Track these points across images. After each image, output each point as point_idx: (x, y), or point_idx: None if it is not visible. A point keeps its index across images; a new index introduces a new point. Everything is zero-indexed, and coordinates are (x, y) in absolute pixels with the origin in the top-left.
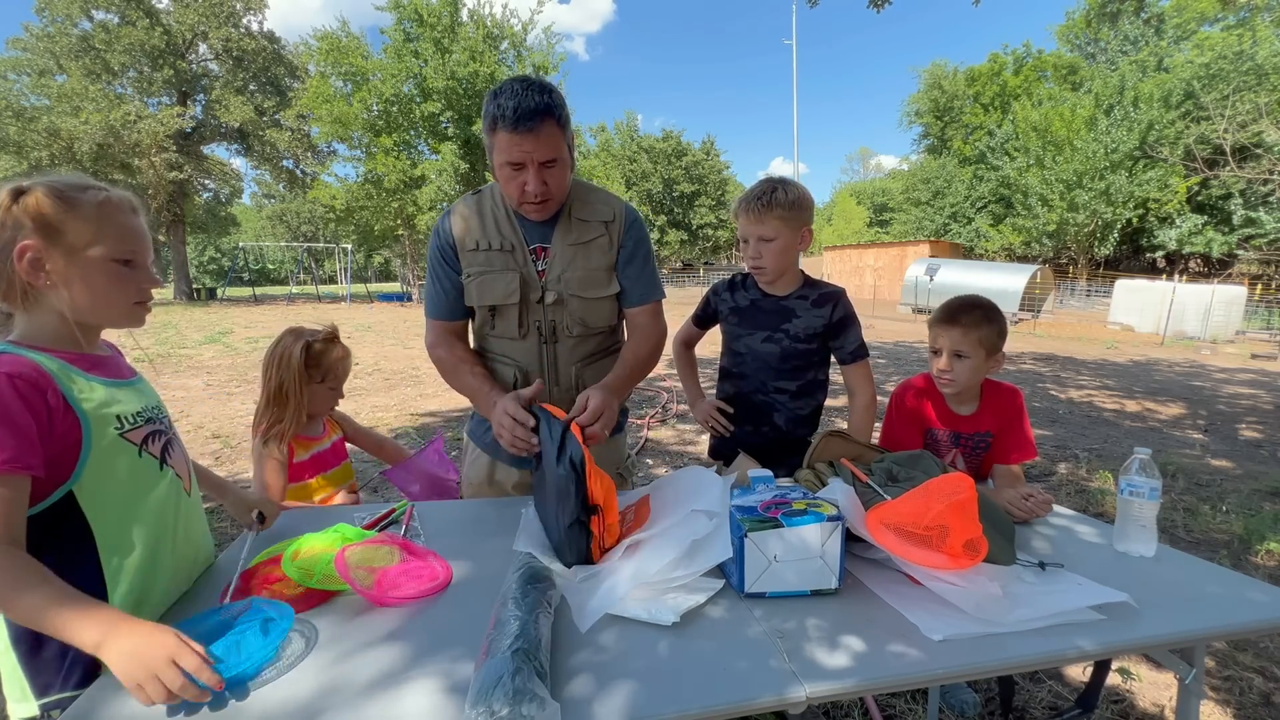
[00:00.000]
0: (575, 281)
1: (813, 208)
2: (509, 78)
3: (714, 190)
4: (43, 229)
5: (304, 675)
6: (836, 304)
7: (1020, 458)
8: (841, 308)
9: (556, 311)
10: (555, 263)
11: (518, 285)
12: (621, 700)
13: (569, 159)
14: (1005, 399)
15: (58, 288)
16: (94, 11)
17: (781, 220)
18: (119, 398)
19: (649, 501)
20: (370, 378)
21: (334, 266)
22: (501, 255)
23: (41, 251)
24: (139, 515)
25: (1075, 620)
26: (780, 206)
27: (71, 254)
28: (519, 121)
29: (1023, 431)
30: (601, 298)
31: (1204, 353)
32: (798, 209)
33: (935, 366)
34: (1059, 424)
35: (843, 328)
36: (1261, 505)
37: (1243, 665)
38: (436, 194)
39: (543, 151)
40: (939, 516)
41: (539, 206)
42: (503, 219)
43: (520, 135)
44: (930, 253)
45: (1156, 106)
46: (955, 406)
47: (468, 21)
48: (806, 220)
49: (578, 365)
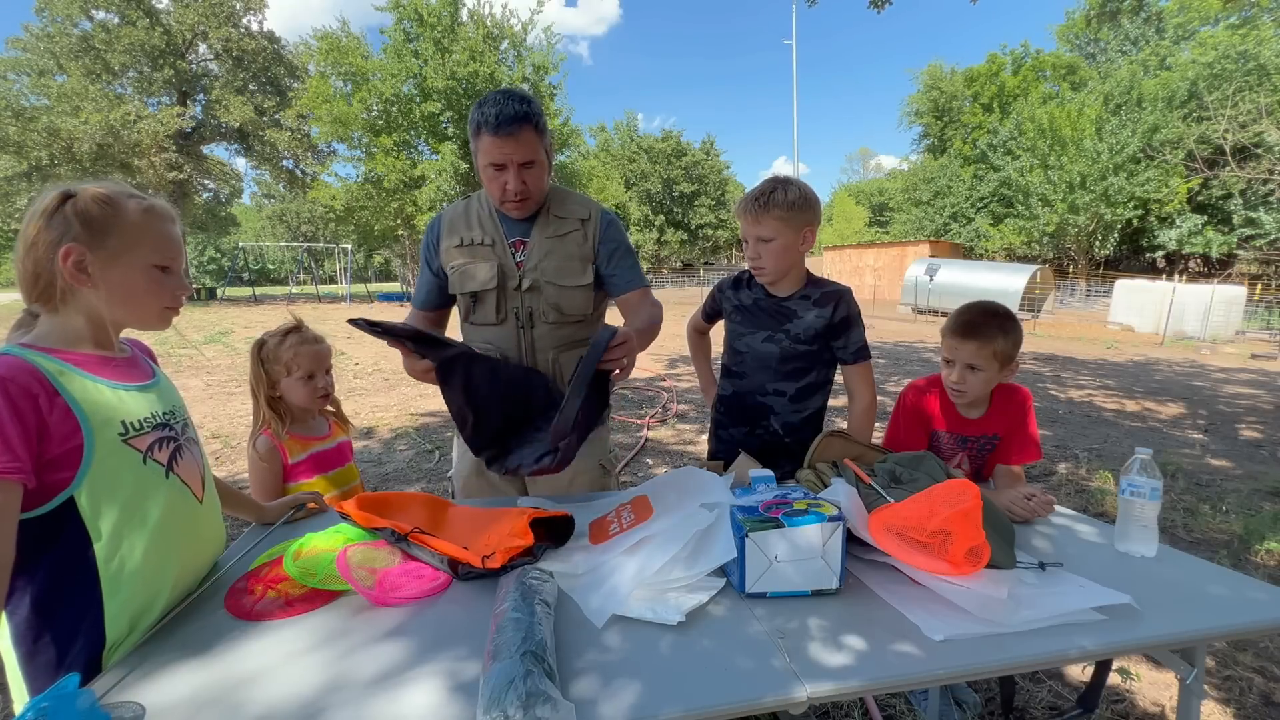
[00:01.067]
0: (551, 270)
1: (817, 208)
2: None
3: (714, 190)
4: (89, 232)
5: (306, 675)
6: (838, 302)
7: (1025, 459)
8: (844, 306)
9: (533, 298)
10: (533, 253)
11: (496, 273)
12: (625, 699)
13: (546, 162)
14: (1015, 402)
15: (97, 289)
16: (94, 11)
17: (780, 221)
18: (126, 401)
19: (649, 500)
20: (370, 378)
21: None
22: (483, 248)
23: (86, 254)
24: (140, 523)
25: (1076, 620)
26: (778, 207)
27: (114, 258)
28: (500, 126)
29: (1028, 433)
30: (576, 286)
31: (1204, 353)
32: (797, 209)
33: (947, 378)
34: (1059, 424)
35: (845, 327)
36: (1261, 505)
37: (1243, 665)
38: (436, 194)
39: (522, 154)
40: (943, 522)
41: (519, 204)
42: (485, 217)
43: (502, 139)
44: (930, 253)
45: (1160, 107)
46: (964, 411)
47: (467, 21)
48: (808, 221)
49: (554, 350)
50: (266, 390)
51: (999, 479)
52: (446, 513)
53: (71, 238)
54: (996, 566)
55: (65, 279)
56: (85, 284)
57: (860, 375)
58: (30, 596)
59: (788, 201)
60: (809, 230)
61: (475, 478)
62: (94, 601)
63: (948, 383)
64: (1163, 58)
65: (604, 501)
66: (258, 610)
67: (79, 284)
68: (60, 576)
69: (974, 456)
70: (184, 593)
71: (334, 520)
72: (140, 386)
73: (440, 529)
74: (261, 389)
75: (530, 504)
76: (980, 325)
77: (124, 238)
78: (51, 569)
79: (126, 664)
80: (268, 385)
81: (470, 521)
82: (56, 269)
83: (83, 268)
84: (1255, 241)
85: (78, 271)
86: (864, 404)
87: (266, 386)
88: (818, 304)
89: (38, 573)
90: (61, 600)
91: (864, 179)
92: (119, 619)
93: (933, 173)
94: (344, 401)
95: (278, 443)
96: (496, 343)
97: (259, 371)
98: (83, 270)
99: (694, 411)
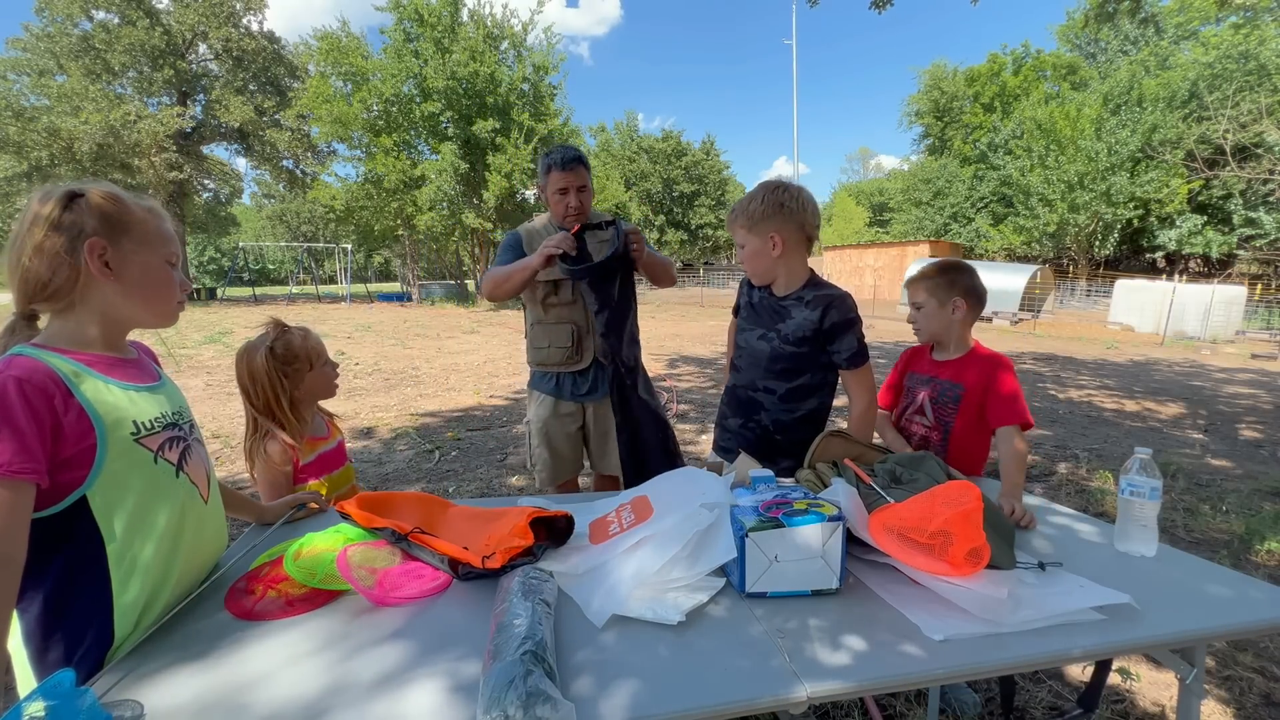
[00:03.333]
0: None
1: (788, 214)
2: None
3: (714, 190)
4: (107, 228)
5: (307, 675)
6: (829, 308)
7: (1001, 420)
8: (836, 312)
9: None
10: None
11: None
12: (625, 698)
13: (591, 189)
14: (988, 362)
15: (118, 284)
16: (94, 11)
17: (745, 229)
18: (137, 402)
19: (649, 500)
20: (370, 378)
21: (334, 266)
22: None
23: (108, 249)
24: (151, 522)
25: (1076, 620)
26: (743, 215)
27: (132, 253)
28: (565, 164)
29: (1002, 393)
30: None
31: (1204, 353)
32: (759, 218)
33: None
34: (1059, 424)
35: (836, 332)
36: (1261, 505)
37: (1243, 665)
38: (436, 194)
39: (579, 180)
40: (944, 524)
41: (575, 218)
42: (552, 230)
43: (566, 173)
44: (930, 253)
45: (1160, 107)
46: (937, 354)
47: (468, 21)
48: (775, 227)
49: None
50: (290, 393)
51: (1000, 447)
52: (447, 513)
53: (91, 233)
54: (996, 567)
55: (91, 274)
56: (109, 279)
57: (856, 380)
58: (43, 595)
59: (748, 211)
60: (776, 236)
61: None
62: (105, 600)
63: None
64: (1163, 57)
65: (604, 501)
66: (258, 610)
67: (104, 279)
68: (73, 575)
69: (935, 398)
70: (185, 592)
71: (334, 520)
72: (149, 387)
73: (440, 529)
74: (284, 395)
75: (530, 504)
76: (922, 273)
77: (137, 234)
78: (64, 568)
79: (126, 663)
80: (290, 387)
81: (470, 521)
82: (80, 267)
83: (106, 262)
84: (1255, 241)
85: (104, 266)
86: (861, 408)
87: (289, 390)
88: (810, 305)
89: (51, 571)
90: (73, 599)
91: (864, 179)
92: (127, 617)
93: (933, 173)
94: (344, 401)
95: (291, 447)
96: (568, 317)
97: (277, 379)
98: (106, 265)
99: (694, 411)
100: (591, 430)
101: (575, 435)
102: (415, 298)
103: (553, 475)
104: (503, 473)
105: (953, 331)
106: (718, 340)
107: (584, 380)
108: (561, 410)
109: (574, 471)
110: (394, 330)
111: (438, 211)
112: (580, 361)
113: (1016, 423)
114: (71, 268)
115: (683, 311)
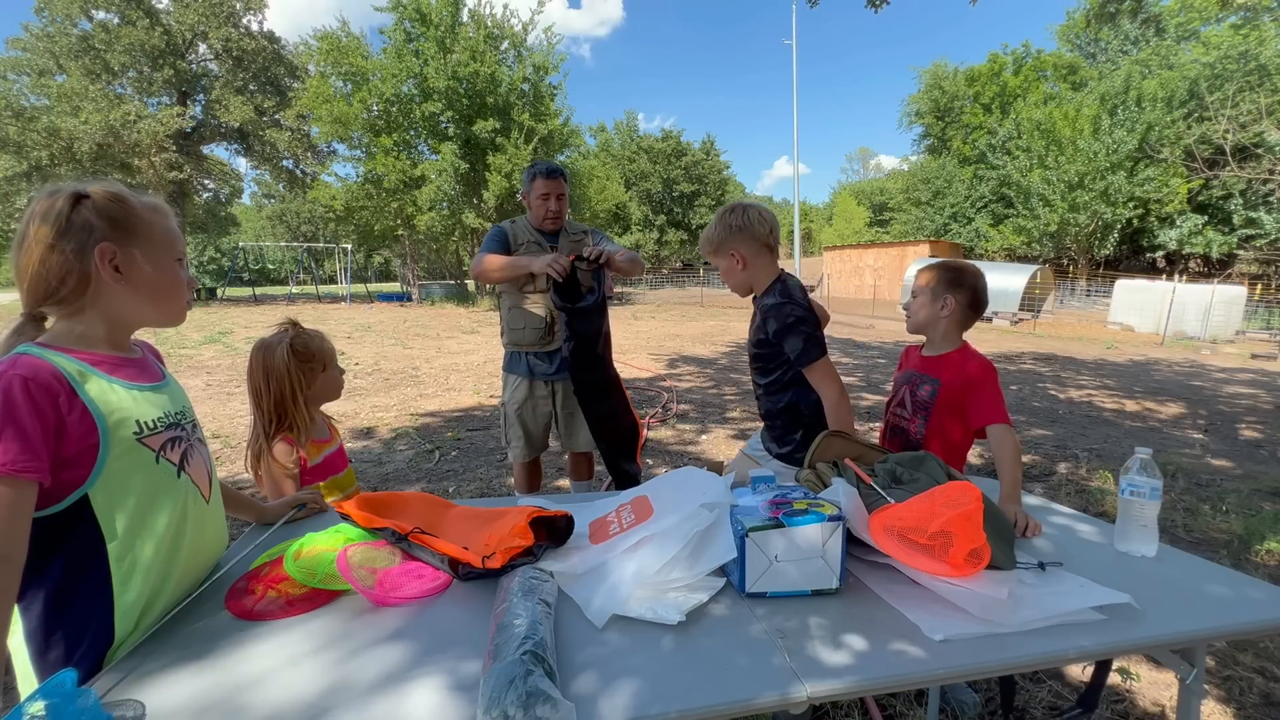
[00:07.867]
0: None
1: (741, 231)
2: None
3: (714, 190)
4: (116, 230)
5: (307, 675)
6: (767, 318)
7: (981, 419)
8: (774, 321)
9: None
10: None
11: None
12: (625, 698)
13: (568, 199)
14: (970, 362)
15: (127, 287)
16: (94, 11)
17: (712, 254)
18: (141, 402)
19: (649, 500)
20: (370, 378)
21: (334, 266)
22: (535, 246)
23: (118, 253)
24: (152, 521)
25: (1076, 620)
26: (707, 244)
27: (142, 254)
28: (549, 174)
29: (983, 395)
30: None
31: (1204, 353)
32: (721, 241)
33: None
34: (1059, 424)
35: (780, 338)
36: (1261, 505)
37: (1243, 665)
38: (436, 194)
39: (558, 189)
40: (945, 524)
41: (554, 220)
42: (532, 230)
43: (550, 180)
44: (930, 253)
45: (1159, 107)
46: (926, 349)
47: (468, 21)
48: (732, 247)
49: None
50: (306, 391)
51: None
52: (447, 513)
53: (100, 237)
54: (996, 567)
55: (102, 278)
56: (119, 282)
57: (815, 377)
58: (45, 594)
59: (710, 239)
60: (736, 253)
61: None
62: (105, 599)
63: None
64: (1163, 57)
65: (604, 501)
66: (258, 610)
67: (115, 283)
68: (74, 574)
69: (913, 392)
70: (185, 592)
71: (334, 520)
72: (153, 387)
73: (440, 529)
74: (301, 392)
75: (530, 504)
76: (932, 265)
77: (145, 235)
78: (66, 566)
79: (127, 663)
80: (306, 386)
81: (470, 521)
82: (91, 271)
83: (116, 266)
84: (1255, 241)
85: (114, 270)
86: (831, 402)
87: (306, 388)
88: (761, 312)
89: (52, 571)
90: (75, 597)
91: (864, 179)
92: (127, 617)
93: (933, 173)
94: (344, 401)
95: (299, 449)
96: (544, 303)
97: (297, 375)
98: (117, 269)
99: (694, 411)
100: (559, 410)
101: (546, 416)
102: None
103: (525, 453)
104: (503, 473)
105: (938, 327)
106: (718, 340)
107: (554, 359)
108: (536, 393)
109: (543, 448)
110: (394, 330)
111: (438, 211)
112: (553, 342)
113: (1003, 421)
114: (81, 273)
115: (683, 311)
